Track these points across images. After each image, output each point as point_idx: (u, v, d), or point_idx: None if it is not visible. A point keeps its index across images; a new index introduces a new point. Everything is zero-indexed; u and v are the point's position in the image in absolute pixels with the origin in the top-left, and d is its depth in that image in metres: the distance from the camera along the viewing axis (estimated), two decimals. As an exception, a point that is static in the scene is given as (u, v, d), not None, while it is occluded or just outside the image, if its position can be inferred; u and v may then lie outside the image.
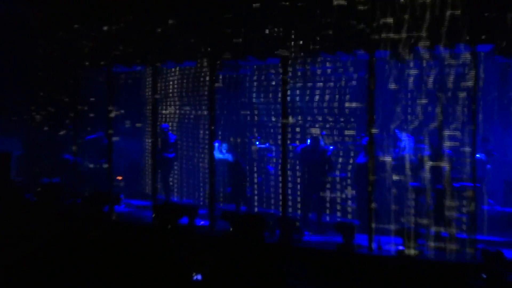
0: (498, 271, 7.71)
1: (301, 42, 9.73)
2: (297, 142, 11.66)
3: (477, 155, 9.54)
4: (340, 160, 11.42)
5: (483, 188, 9.98)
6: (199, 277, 7.27)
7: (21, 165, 14.36)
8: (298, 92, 11.81)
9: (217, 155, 11.33)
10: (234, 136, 12.24)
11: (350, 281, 8.27)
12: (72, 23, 12.45)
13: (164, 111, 13.92)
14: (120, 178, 13.71)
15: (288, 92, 10.13)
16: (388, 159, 10.20)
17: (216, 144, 11.33)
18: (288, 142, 10.83)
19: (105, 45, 11.99)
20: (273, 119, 12.04)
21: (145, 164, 14.59)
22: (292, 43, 9.90)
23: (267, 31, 9.98)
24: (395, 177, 10.53)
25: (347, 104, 11.34)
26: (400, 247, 8.88)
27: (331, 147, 11.10)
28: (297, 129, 11.82)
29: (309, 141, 11.01)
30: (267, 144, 12.24)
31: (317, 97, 11.69)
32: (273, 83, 11.98)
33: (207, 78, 11.87)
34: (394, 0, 8.86)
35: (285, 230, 9.57)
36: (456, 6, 8.49)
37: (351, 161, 11.32)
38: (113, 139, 12.04)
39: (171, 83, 13.72)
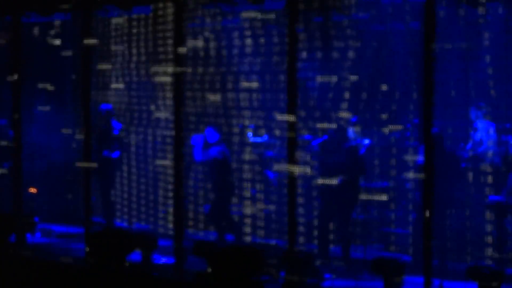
0: None
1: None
2: (314, 135, 11.66)
3: None
4: (379, 161, 11.46)
5: None
6: None
7: None
8: (311, 54, 11.79)
9: (202, 150, 11.69)
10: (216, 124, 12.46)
11: None
12: None
13: (106, 86, 13.92)
14: (33, 190, 13.79)
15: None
16: (455, 159, 10.20)
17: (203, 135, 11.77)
18: (300, 133, 10.76)
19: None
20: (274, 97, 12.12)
21: (73, 169, 14.34)
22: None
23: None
24: (467, 188, 10.53)
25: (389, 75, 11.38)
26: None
27: (366, 142, 11.19)
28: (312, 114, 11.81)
29: (331, 132, 11.06)
30: (265, 137, 12.31)
31: (342, 63, 11.69)
32: (275, 40, 12.06)
33: (172, 34, 11.72)
34: None
35: (293, 271, 9.57)
36: None
37: (394, 162, 11.40)
38: (21, 129, 11.89)
39: (114, 40, 13.74)
